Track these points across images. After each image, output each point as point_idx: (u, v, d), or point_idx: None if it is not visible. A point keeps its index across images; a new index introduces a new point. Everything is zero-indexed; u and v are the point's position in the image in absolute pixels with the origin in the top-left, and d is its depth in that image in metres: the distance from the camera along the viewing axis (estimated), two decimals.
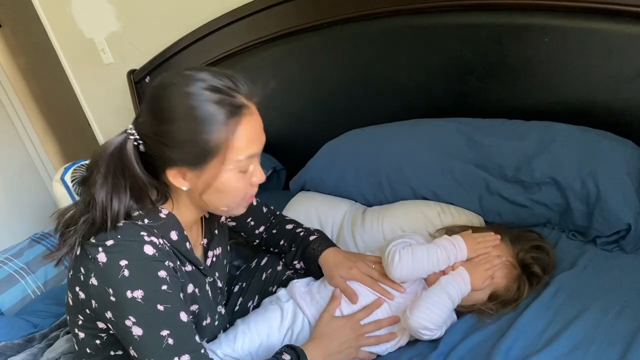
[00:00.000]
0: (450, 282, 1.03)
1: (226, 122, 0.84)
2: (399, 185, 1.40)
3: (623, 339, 0.91)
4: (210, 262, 1.07)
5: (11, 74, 3.14)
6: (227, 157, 0.86)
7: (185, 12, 1.88)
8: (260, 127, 0.90)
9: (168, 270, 0.88)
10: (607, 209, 1.13)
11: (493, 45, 1.34)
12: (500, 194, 1.27)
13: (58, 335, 1.33)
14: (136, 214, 0.90)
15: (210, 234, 1.08)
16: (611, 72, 1.22)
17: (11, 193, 3.03)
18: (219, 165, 0.86)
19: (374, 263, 1.13)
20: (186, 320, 0.87)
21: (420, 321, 1.00)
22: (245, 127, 0.86)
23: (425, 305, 1.01)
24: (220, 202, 0.92)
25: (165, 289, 0.85)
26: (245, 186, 0.91)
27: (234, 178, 0.89)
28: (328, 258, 1.15)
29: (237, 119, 0.85)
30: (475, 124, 1.37)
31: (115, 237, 0.85)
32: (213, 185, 0.88)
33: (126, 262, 0.83)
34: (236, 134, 0.85)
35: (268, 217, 1.28)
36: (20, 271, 1.60)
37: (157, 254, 0.87)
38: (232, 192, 0.90)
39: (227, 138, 0.85)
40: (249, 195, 0.94)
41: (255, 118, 0.89)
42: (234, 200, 0.93)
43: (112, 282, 0.83)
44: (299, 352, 0.96)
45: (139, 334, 0.83)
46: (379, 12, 1.46)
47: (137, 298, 0.83)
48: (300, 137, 1.80)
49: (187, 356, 0.84)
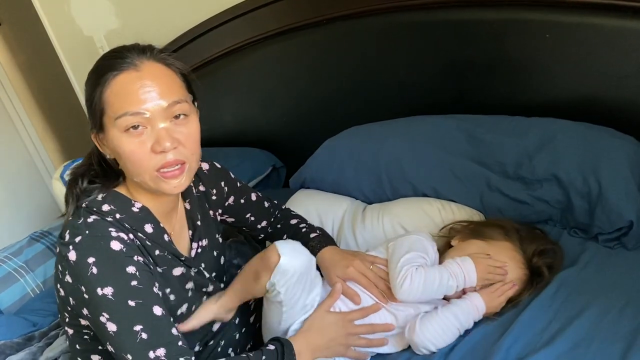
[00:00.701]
0: (465, 312, 1.02)
1: (103, 78, 0.86)
2: (399, 182, 1.40)
3: (625, 336, 0.91)
4: (195, 253, 1.07)
5: (10, 72, 3.13)
6: (107, 114, 0.87)
7: (184, 10, 1.88)
8: (144, 84, 0.86)
9: (137, 265, 0.88)
10: (608, 206, 1.13)
11: (494, 42, 1.33)
12: (501, 191, 1.26)
13: (57, 334, 1.33)
14: (108, 209, 0.91)
15: (192, 225, 1.08)
16: (613, 68, 1.22)
17: (10, 191, 3.03)
18: (109, 125, 0.87)
19: (371, 263, 1.12)
20: (160, 314, 0.87)
21: (425, 342, 0.99)
22: (120, 83, 0.86)
23: (435, 328, 1.00)
24: (130, 172, 0.90)
25: (135, 285, 0.86)
26: (142, 152, 0.87)
27: (123, 139, 0.86)
28: (325, 257, 1.14)
29: (115, 74, 0.86)
30: (476, 120, 1.37)
31: (84, 234, 0.87)
32: (113, 149, 0.89)
33: (93, 259, 0.84)
34: (110, 89, 0.86)
35: (271, 211, 1.28)
36: (20, 270, 1.60)
37: (124, 249, 0.87)
38: (130, 158, 0.87)
39: (102, 94, 0.86)
40: (157, 165, 0.87)
41: (140, 75, 0.86)
42: (140, 170, 0.88)
43: (83, 280, 0.84)
44: (284, 342, 0.96)
45: (113, 330, 0.84)
46: (379, 8, 1.46)
47: (108, 295, 0.83)
48: (300, 135, 1.79)
49: (162, 349, 0.85)
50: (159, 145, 0.86)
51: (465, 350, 0.98)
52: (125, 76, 0.86)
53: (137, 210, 0.94)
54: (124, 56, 0.88)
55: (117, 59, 0.88)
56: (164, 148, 0.86)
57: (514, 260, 1.08)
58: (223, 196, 1.17)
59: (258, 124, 1.92)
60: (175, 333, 0.88)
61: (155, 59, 0.90)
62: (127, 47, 0.91)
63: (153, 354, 0.84)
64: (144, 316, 0.85)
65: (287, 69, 1.72)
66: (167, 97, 0.87)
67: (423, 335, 0.99)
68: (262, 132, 1.91)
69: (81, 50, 2.28)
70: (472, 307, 1.02)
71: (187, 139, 0.89)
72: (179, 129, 0.89)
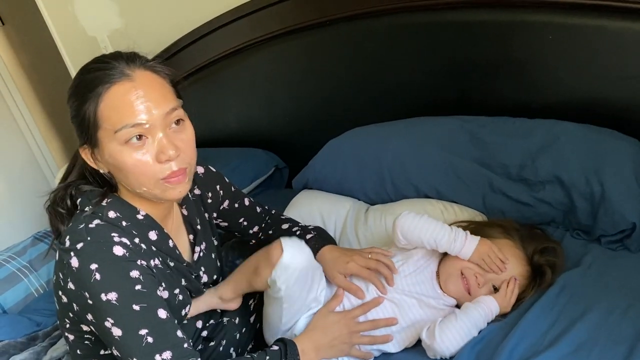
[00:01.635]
0: (483, 318, 1.02)
1: (95, 92, 0.84)
2: (401, 183, 1.40)
3: (628, 339, 0.91)
4: (198, 257, 1.07)
5: (14, 72, 3.13)
6: (104, 128, 0.85)
7: (188, 10, 1.88)
8: (140, 95, 0.84)
9: (141, 269, 0.87)
10: (611, 208, 1.13)
11: (497, 43, 1.33)
12: (504, 193, 1.26)
13: (61, 334, 1.34)
14: (114, 216, 0.91)
15: (192, 229, 1.08)
16: (616, 69, 1.22)
17: (14, 191, 3.03)
18: (105, 139, 0.86)
19: (369, 253, 1.12)
20: (165, 317, 0.87)
21: (444, 349, 0.99)
22: (115, 95, 0.84)
23: (454, 335, 0.99)
24: (131, 182, 0.89)
25: (139, 289, 0.85)
26: (146, 163, 0.86)
27: (124, 152, 0.85)
28: (324, 256, 1.14)
29: (107, 87, 0.84)
30: (479, 121, 1.37)
31: (85, 239, 0.86)
32: (112, 163, 0.88)
33: (96, 265, 0.84)
34: (104, 103, 0.84)
35: (262, 217, 1.27)
36: (24, 269, 1.60)
37: (127, 254, 0.87)
38: (133, 170, 0.86)
39: (97, 108, 0.85)
40: (162, 175, 0.87)
41: (134, 85, 0.85)
42: (144, 180, 0.87)
43: (87, 286, 0.84)
44: (287, 342, 0.96)
45: (118, 335, 0.84)
46: (382, 9, 1.46)
47: (112, 300, 0.83)
48: (303, 135, 1.79)
49: (168, 352, 0.85)
50: (164, 154, 0.85)
51: (469, 351, 0.98)
52: (118, 87, 0.85)
53: (142, 218, 0.94)
54: (112, 66, 0.86)
55: (105, 70, 0.86)
56: (169, 157, 0.86)
57: (515, 257, 1.08)
58: (218, 200, 1.17)
59: (261, 125, 1.92)
60: (180, 335, 0.88)
61: (145, 67, 0.88)
62: (110, 55, 0.89)
63: (159, 357, 0.84)
64: (149, 320, 0.85)
65: (290, 70, 1.72)
66: (163, 106, 0.86)
67: (443, 343, 0.99)
68: (265, 133, 1.91)
69: (84, 50, 2.28)
70: (489, 312, 1.03)
71: (186, 146, 0.89)
72: (178, 136, 0.88)
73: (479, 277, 1.06)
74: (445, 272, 1.09)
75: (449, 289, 1.08)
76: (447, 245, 1.06)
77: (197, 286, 1.06)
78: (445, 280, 1.09)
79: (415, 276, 1.09)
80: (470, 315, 1.01)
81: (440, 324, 1.01)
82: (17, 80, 3.14)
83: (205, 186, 1.14)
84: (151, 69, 0.89)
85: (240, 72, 1.84)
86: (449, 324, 1.01)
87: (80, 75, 0.88)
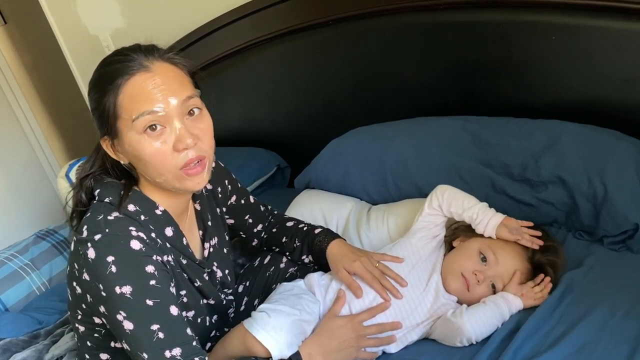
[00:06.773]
0: (507, 311, 1.03)
1: (115, 84, 0.86)
2: (404, 183, 1.40)
3: (630, 339, 0.91)
4: (208, 253, 1.07)
5: (16, 71, 3.14)
6: (123, 118, 0.87)
7: (190, 9, 1.88)
8: (157, 84, 0.86)
9: (156, 265, 0.88)
10: (614, 209, 1.13)
11: (500, 43, 1.33)
12: (507, 193, 1.26)
13: (63, 332, 1.34)
14: (133, 209, 0.91)
15: (203, 225, 1.09)
16: (619, 70, 1.21)
17: (15, 189, 3.04)
18: (124, 129, 0.87)
19: (377, 262, 1.12)
20: (176, 313, 0.88)
21: (470, 328, 0.99)
22: (134, 86, 0.86)
23: (484, 317, 1.00)
24: (150, 172, 0.90)
25: (153, 284, 0.86)
26: (164, 152, 0.87)
27: (142, 141, 0.86)
28: (333, 250, 1.15)
29: (127, 78, 0.86)
30: (482, 122, 1.37)
31: (103, 231, 0.86)
32: (131, 153, 0.89)
33: (113, 258, 0.85)
34: (124, 93, 0.86)
35: (265, 215, 1.28)
36: (26, 267, 1.61)
37: (144, 248, 0.87)
38: (152, 160, 0.87)
39: (116, 99, 0.86)
40: (180, 164, 0.88)
41: (152, 75, 0.87)
42: (163, 170, 0.88)
43: (101, 278, 0.85)
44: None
45: (130, 328, 0.84)
46: (385, 9, 1.45)
47: (126, 294, 0.84)
48: (305, 135, 1.79)
49: (178, 349, 0.85)
50: (181, 142, 0.87)
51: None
52: (137, 78, 0.87)
53: (160, 213, 0.95)
54: (131, 59, 0.88)
55: (125, 62, 0.88)
56: (187, 145, 0.87)
57: (516, 253, 1.09)
58: (227, 195, 1.18)
59: (263, 124, 1.92)
60: (190, 333, 0.89)
61: (163, 59, 0.90)
62: (130, 48, 0.91)
63: (169, 353, 0.85)
64: (161, 316, 0.86)
65: (292, 70, 1.73)
66: (180, 94, 0.88)
67: (472, 323, 0.99)
68: (267, 132, 1.91)
69: (87, 49, 2.29)
70: (513, 308, 1.04)
71: (204, 134, 0.90)
72: (196, 125, 0.89)
73: (479, 275, 1.06)
74: (445, 269, 1.11)
75: (449, 286, 1.09)
76: (467, 211, 1.12)
77: (211, 287, 1.06)
78: (446, 278, 1.09)
79: (423, 285, 1.10)
80: (498, 305, 1.02)
81: (468, 308, 1.02)
82: (20, 79, 3.14)
83: (216, 181, 1.15)
84: (169, 61, 0.91)
85: (242, 72, 1.84)
86: (477, 308, 1.02)
87: (100, 69, 0.91)
